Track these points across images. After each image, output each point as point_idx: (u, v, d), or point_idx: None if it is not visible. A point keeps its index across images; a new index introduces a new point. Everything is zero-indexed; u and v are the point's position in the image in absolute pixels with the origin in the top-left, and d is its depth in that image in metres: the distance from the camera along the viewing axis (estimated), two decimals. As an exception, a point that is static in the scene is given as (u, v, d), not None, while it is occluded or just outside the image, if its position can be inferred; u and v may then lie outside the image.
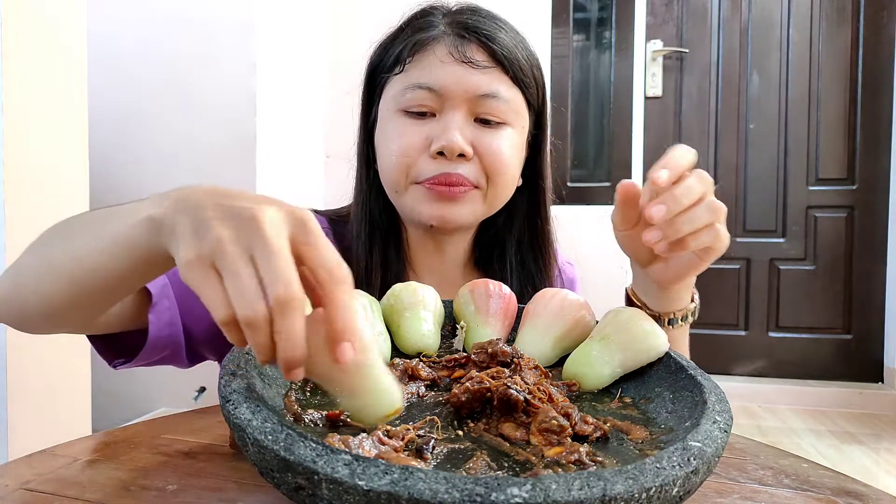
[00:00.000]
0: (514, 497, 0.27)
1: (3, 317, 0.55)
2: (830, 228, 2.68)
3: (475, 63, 0.68)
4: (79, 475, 0.41)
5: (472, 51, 0.68)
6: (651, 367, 0.49)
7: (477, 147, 0.69)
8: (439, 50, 0.69)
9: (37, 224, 1.12)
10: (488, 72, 0.69)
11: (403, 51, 0.70)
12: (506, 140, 0.70)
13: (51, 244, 0.51)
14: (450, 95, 0.68)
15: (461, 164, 0.68)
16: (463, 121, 0.69)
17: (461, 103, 0.68)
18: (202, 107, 1.90)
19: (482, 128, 0.70)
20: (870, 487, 0.42)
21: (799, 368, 2.70)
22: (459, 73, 0.68)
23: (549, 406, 0.40)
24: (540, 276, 0.78)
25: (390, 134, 0.71)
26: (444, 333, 0.58)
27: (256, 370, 0.43)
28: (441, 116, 0.69)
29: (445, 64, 0.68)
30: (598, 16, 2.76)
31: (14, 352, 1.06)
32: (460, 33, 0.69)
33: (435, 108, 0.69)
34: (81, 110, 1.24)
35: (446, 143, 0.67)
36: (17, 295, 0.52)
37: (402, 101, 0.70)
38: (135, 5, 1.95)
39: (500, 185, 0.71)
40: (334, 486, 0.28)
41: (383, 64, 0.73)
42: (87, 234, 0.46)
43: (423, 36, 0.70)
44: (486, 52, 0.69)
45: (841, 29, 2.64)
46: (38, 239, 0.53)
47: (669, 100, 2.74)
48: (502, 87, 0.69)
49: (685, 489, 0.31)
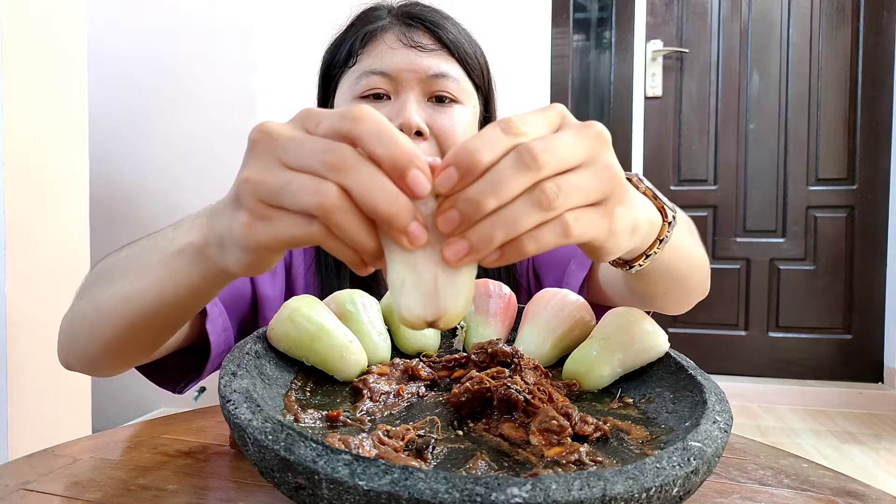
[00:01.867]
0: (514, 497, 0.27)
1: (75, 365, 0.57)
2: (830, 228, 2.68)
3: (423, 46, 0.72)
4: (79, 475, 0.41)
5: (418, 36, 0.73)
6: (651, 367, 0.49)
7: (432, 126, 0.72)
8: (388, 38, 0.73)
9: (37, 224, 1.12)
10: (436, 54, 0.73)
11: (354, 43, 0.74)
12: (458, 118, 0.73)
13: (96, 289, 0.51)
14: (402, 77, 0.71)
15: (418, 142, 0.71)
16: (417, 101, 0.72)
17: (414, 84, 0.72)
18: (202, 107, 1.90)
19: (436, 106, 0.73)
20: (870, 487, 0.42)
21: (799, 368, 2.70)
22: (409, 56, 0.72)
23: (548, 406, 0.40)
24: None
25: None
26: (444, 333, 0.58)
27: (257, 370, 0.43)
28: (396, 99, 0.72)
29: (395, 49, 0.72)
30: (598, 16, 2.76)
31: (14, 352, 1.06)
32: (407, 22, 0.74)
33: (389, 90, 0.72)
34: (81, 110, 1.24)
35: (403, 121, 0.69)
36: (78, 345, 0.53)
37: (357, 89, 0.73)
38: (135, 5, 1.95)
39: None
40: (334, 486, 0.28)
41: (336, 60, 0.77)
42: (131, 274, 0.46)
43: (372, 27, 0.74)
44: (433, 36, 0.74)
45: (841, 29, 2.64)
46: (83, 284, 0.54)
47: (669, 100, 2.74)
48: (450, 67, 0.73)
49: (685, 489, 0.31)
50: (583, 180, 0.32)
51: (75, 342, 0.53)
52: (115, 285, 0.48)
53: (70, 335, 0.54)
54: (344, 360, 0.47)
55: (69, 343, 0.55)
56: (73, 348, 0.54)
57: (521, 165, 0.30)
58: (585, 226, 0.32)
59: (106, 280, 0.50)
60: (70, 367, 0.58)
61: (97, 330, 0.50)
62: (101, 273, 0.52)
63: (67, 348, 0.55)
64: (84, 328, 0.51)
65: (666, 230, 0.43)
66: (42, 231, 1.14)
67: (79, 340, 0.53)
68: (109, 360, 0.53)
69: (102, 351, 0.51)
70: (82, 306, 0.52)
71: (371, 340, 0.51)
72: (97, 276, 0.53)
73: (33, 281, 1.11)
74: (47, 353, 1.18)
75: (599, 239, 0.33)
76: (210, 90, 1.90)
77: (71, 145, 1.21)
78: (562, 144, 0.31)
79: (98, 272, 0.53)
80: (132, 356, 0.54)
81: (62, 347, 0.56)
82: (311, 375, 0.48)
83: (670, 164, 2.76)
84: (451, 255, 0.30)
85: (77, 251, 1.23)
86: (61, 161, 1.19)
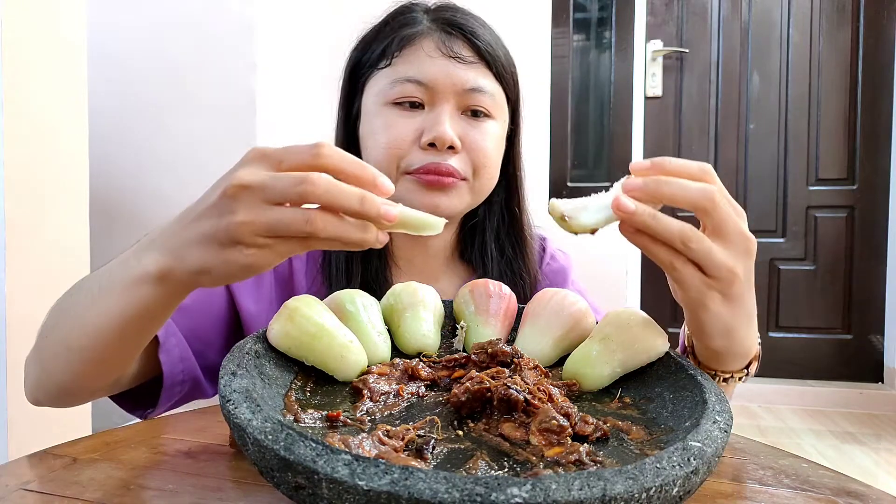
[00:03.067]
0: (514, 497, 0.27)
1: (44, 401, 0.57)
2: (830, 228, 2.68)
3: (462, 58, 0.71)
4: (79, 475, 0.41)
5: (458, 46, 0.71)
6: (651, 367, 0.49)
7: (464, 140, 0.71)
8: (427, 45, 0.71)
9: (37, 224, 1.12)
10: (474, 67, 0.71)
11: (389, 45, 0.72)
12: (490, 134, 0.73)
13: (60, 329, 0.53)
14: (439, 89, 0.70)
15: (450, 155, 0.70)
16: (452, 114, 0.71)
17: (450, 96, 0.70)
18: (202, 106, 1.90)
19: (470, 120, 0.72)
20: (870, 487, 0.42)
21: (799, 368, 2.70)
22: (447, 67, 0.70)
23: (549, 406, 0.40)
24: (518, 262, 0.80)
25: (378, 126, 0.72)
26: (444, 333, 0.58)
27: (257, 370, 0.43)
28: (431, 109, 0.71)
29: (433, 58, 0.70)
30: (598, 16, 2.76)
31: (14, 352, 1.06)
32: (446, 29, 0.72)
33: (424, 100, 0.71)
34: (82, 110, 1.24)
35: (437, 135, 0.68)
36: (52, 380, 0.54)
37: (391, 94, 0.71)
38: (135, 5, 1.95)
39: (485, 177, 0.73)
40: (334, 485, 0.28)
41: (367, 59, 0.75)
42: (93, 311, 0.48)
43: (410, 31, 0.72)
44: (472, 47, 0.72)
45: (841, 29, 2.64)
46: (44, 325, 0.55)
47: (669, 100, 2.74)
48: (487, 81, 0.72)
49: (685, 489, 0.31)
50: (715, 251, 0.43)
51: (49, 378, 0.54)
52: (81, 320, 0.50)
53: (42, 371, 0.55)
54: (344, 360, 0.47)
55: (40, 379, 0.55)
56: (44, 384, 0.55)
57: (703, 192, 0.43)
58: (684, 275, 0.43)
59: (69, 317, 0.52)
60: (39, 403, 0.58)
61: (70, 365, 0.51)
62: (61, 312, 0.54)
63: (37, 385, 0.56)
64: (57, 365, 0.53)
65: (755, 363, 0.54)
66: (42, 231, 1.14)
67: (53, 376, 0.54)
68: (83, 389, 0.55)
69: (79, 379, 0.53)
70: (51, 345, 0.53)
71: (371, 340, 0.51)
72: (58, 314, 0.54)
73: (33, 281, 1.11)
74: (47, 353, 1.18)
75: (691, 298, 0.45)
76: (210, 90, 1.90)
77: (71, 145, 1.21)
78: (732, 216, 0.44)
79: (58, 312, 0.54)
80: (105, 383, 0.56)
81: (32, 385, 0.57)
82: (311, 375, 0.48)
83: (670, 164, 2.76)
84: (617, 204, 0.42)
85: (77, 251, 1.23)
86: (61, 161, 1.19)
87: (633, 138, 2.73)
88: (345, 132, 0.78)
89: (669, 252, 0.43)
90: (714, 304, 0.45)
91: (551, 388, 0.43)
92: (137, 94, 1.95)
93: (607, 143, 2.76)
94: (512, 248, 0.80)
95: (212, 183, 0.42)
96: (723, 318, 0.46)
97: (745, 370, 0.54)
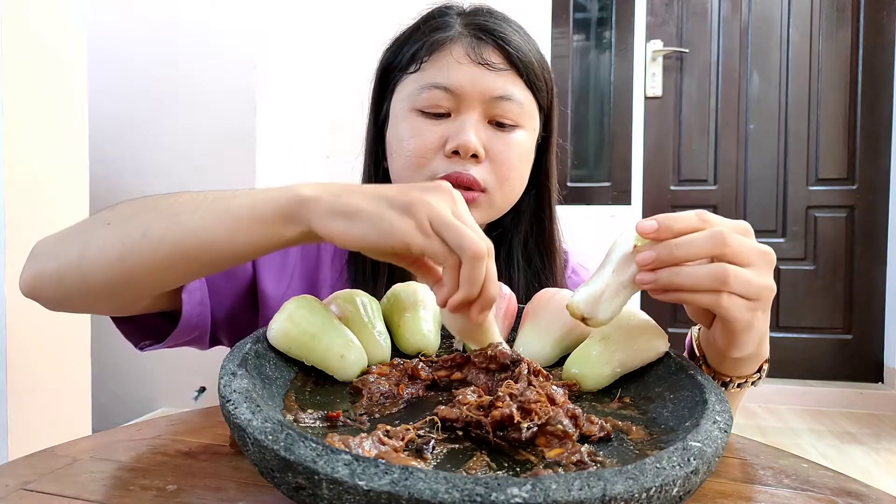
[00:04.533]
0: (514, 497, 0.27)
1: (46, 292, 0.55)
2: (830, 228, 2.68)
3: (491, 65, 0.69)
4: (79, 475, 0.41)
5: (488, 52, 0.69)
6: (651, 367, 0.49)
7: (489, 150, 0.70)
8: (456, 51, 0.69)
9: (37, 224, 1.12)
10: (503, 74, 0.69)
11: (420, 50, 0.71)
12: (517, 145, 0.71)
13: (141, 218, 0.52)
14: (466, 96, 0.69)
15: (473, 165, 0.69)
16: (478, 122, 0.69)
17: (477, 104, 0.69)
18: (202, 106, 1.90)
19: (496, 130, 0.70)
20: (870, 487, 0.42)
21: (799, 368, 2.70)
22: (476, 74, 0.68)
23: (557, 411, 0.39)
24: (545, 273, 0.79)
25: (405, 133, 0.71)
26: (444, 333, 0.58)
27: (257, 370, 0.43)
28: (456, 117, 0.70)
29: (462, 65, 0.69)
30: (598, 16, 2.76)
31: (14, 352, 1.06)
32: (477, 35, 0.70)
33: (450, 108, 0.70)
34: (81, 111, 1.24)
35: (461, 143, 0.67)
36: (82, 268, 0.53)
37: (418, 101, 0.70)
38: (135, 5, 1.95)
39: (508, 189, 0.72)
40: (334, 486, 0.28)
41: (397, 62, 0.74)
42: (202, 210, 0.49)
43: (440, 36, 0.71)
44: (502, 54, 0.70)
45: (841, 29, 2.64)
46: (105, 215, 0.54)
47: (669, 100, 2.74)
48: (516, 89, 0.70)
49: (685, 489, 0.31)
50: (752, 278, 0.44)
51: (78, 266, 0.52)
52: (178, 218, 0.50)
53: (78, 258, 0.53)
54: (344, 360, 0.47)
55: (62, 268, 0.53)
56: (66, 274, 0.53)
57: (712, 240, 0.43)
58: (730, 307, 0.44)
59: (157, 212, 0.51)
60: (35, 292, 0.56)
61: (133, 256, 0.51)
62: (145, 206, 0.53)
63: (55, 270, 0.54)
64: (111, 251, 0.51)
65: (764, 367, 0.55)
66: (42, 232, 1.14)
67: (89, 263, 0.52)
68: (103, 293, 0.54)
69: (114, 278, 0.52)
70: (114, 232, 0.52)
71: (371, 340, 0.51)
72: (139, 208, 0.53)
73: (33, 281, 1.11)
74: (47, 353, 1.18)
75: (740, 324, 0.45)
76: (210, 90, 1.90)
77: (71, 146, 1.21)
78: (746, 243, 0.44)
79: (138, 205, 0.53)
80: (129, 295, 0.55)
81: (41, 268, 0.55)
82: (311, 375, 0.48)
83: (670, 164, 2.76)
84: (639, 279, 0.45)
85: (77, 251, 1.22)
86: (61, 162, 1.19)
87: (633, 138, 2.73)
88: (374, 133, 0.78)
89: (710, 295, 0.44)
90: (758, 320, 0.46)
91: (554, 392, 0.43)
92: (137, 94, 1.95)
93: (607, 143, 2.76)
94: (540, 259, 0.79)
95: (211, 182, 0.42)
96: (761, 330, 0.48)
97: (758, 373, 0.54)
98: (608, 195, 2.73)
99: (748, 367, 0.53)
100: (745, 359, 0.51)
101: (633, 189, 2.72)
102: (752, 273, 0.44)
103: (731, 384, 0.53)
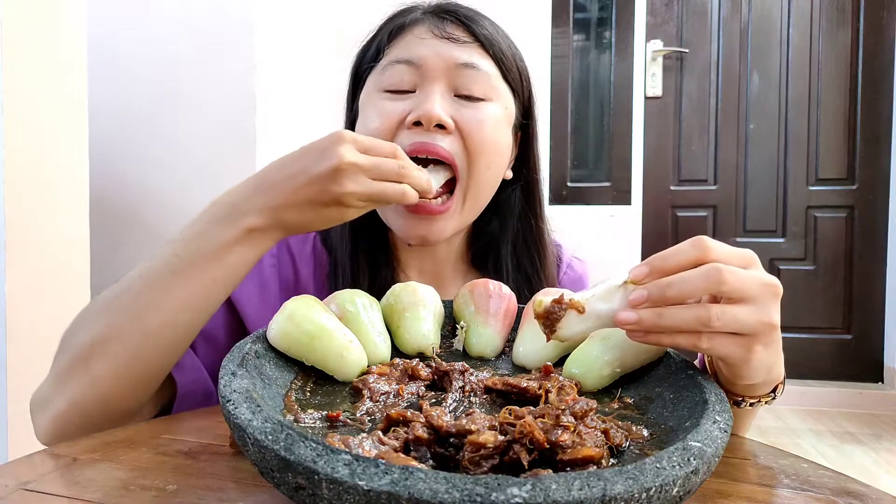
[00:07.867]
0: (514, 497, 0.27)
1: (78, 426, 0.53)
2: (830, 228, 2.68)
3: (455, 38, 0.67)
4: (79, 475, 0.41)
5: (451, 28, 0.68)
6: (651, 367, 0.49)
7: (458, 122, 0.66)
8: (418, 30, 0.69)
9: (37, 224, 1.12)
10: (468, 46, 0.68)
11: (383, 39, 0.71)
12: (488, 117, 0.67)
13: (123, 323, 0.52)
14: (428, 68, 0.66)
15: (440, 136, 0.65)
16: (443, 93, 0.67)
17: (440, 75, 0.67)
18: (202, 107, 1.90)
19: (464, 102, 0.67)
20: (870, 487, 0.42)
21: (799, 368, 2.70)
22: (439, 46, 0.67)
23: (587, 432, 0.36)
24: (537, 278, 0.76)
25: (370, 114, 0.69)
26: (444, 333, 0.58)
27: (257, 370, 0.43)
28: (420, 90, 0.67)
29: (424, 40, 0.68)
30: (598, 16, 2.76)
31: (14, 352, 1.06)
32: (440, 15, 0.70)
33: (415, 83, 0.67)
34: (81, 110, 1.24)
35: (423, 112, 0.64)
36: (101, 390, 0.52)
37: (382, 81, 0.69)
38: (135, 5, 1.95)
39: (483, 166, 0.68)
40: (334, 485, 0.28)
41: (366, 58, 0.74)
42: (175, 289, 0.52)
43: (402, 20, 0.71)
44: (466, 29, 0.69)
45: (841, 29, 2.64)
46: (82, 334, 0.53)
47: (669, 100, 2.74)
48: (483, 60, 0.68)
49: (685, 489, 0.31)
50: (742, 315, 0.41)
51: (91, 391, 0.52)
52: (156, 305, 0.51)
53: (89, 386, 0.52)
54: (344, 360, 0.47)
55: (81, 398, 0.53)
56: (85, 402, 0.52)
57: (708, 279, 0.40)
58: (713, 347, 0.42)
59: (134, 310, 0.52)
60: (62, 434, 0.53)
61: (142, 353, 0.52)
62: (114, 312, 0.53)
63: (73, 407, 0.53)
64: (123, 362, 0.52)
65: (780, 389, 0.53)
66: (42, 231, 1.14)
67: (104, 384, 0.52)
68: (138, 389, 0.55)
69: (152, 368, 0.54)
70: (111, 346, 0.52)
71: (371, 340, 0.51)
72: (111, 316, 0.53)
73: (33, 281, 1.11)
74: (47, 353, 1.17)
75: (732, 359, 0.44)
76: (210, 90, 1.89)
77: (71, 145, 1.21)
78: (745, 278, 0.41)
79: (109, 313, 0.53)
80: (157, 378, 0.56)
81: (55, 412, 0.53)
82: (311, 375, 0.48)
83: (670, 164, 2.76)
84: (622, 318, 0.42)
85: (77, 251, 1.22)
86: (61, 161, 1.19)
87: (633, 138, 2.73)
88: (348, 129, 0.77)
89: (687, 336, 0.42)
90: (756, 355, 0.43)
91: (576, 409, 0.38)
92: (137, 94, 1.95)
93: (607, 143, 2.76)
94: (530, 259, 0.76)
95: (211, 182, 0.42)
96: (766, 362, 0.45)
97: (771, 394, 0.52)
98: (608, 195, 2.73)
99: (760, 389, 0.51)
100: (758, 385, 0.49)
101: (633, 189, 2.72)
102: (747, 309, 0.41)
103: (744, 402, 0.51)
